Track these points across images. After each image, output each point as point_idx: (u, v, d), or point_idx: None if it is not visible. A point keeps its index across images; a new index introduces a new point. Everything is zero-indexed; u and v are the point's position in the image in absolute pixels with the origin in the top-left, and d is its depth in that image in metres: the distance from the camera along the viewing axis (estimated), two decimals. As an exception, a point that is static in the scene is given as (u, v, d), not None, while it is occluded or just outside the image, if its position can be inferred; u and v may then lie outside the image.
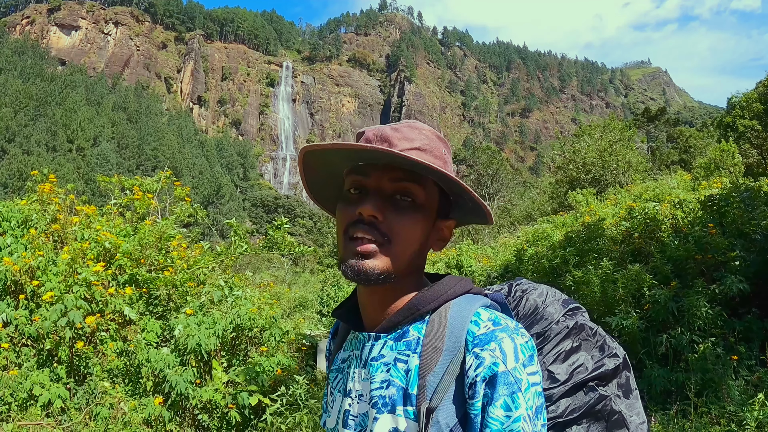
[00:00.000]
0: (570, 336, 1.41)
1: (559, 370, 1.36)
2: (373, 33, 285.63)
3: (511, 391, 1.14)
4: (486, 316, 1.23)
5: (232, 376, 5.64)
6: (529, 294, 1.49)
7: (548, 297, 1.48)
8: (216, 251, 7.32)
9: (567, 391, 1.34)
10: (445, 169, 1.26)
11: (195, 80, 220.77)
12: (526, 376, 1.16)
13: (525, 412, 1.14)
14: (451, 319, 1.24)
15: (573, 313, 1.46)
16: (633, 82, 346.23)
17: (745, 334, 6.68)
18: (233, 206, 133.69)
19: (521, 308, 1.47)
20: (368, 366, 1.31)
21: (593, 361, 1.39)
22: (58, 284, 5.74)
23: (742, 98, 30.49)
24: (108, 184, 8.02)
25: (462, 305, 1.27)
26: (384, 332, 1.31)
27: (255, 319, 6.04)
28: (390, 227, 1.24)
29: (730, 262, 7.43)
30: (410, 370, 1.24)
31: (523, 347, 1.18)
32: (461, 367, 1.19)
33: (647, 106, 59.44)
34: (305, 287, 16.95)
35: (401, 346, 1.28)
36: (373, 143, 1.28)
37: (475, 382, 1.16)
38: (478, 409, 1.15)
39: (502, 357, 1.15)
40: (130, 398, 5.40)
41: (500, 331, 1.19)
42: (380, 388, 1.27)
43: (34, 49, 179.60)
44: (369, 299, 1.34)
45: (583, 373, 1.36)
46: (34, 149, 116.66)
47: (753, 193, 8.64)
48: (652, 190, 15.42)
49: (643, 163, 26.91)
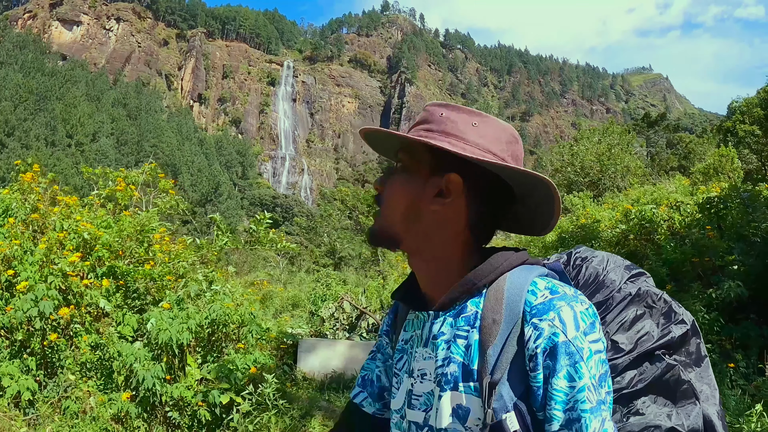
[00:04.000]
0: (633, 303, 1.36)
1: (624, 340, 1.32)
2: (375, 34, 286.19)
3: (573, 361, 1.13)
4: (543, 285, 1.23)
5: (203, 373, 5.49)
6: (589, 261, 1.45)
7: (609, 263, 1.43)
8: (197, 245, 7.20)
9: (632, 361, 1.29)
10: (438, 129, 1.31)
11: (196, 78, 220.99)
12: (588, 344, 1.15)
13: (589, 381, 1.13)
14: (508, 291, 1.24)
15: (636, 279, 1.41)
16: (634, 87, 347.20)
17: (743, 341, 6.56)
18: (231, 204, 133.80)
19: (581, 277, 1.43)
20: (430, 344, 1.33)
21: (659, 329, 1.34)
22: (33, 274, 5.62)
23: (742, 103, 30.45)
24: (92, 175, 7.88)
25: (519, 276, 1.26)
26: (442, 309, 1.32)
27: (230, 315, 5.88)
28: (383, 194, 1.36)
29: (729, 266, 7.33)
30: (470, 345, 1.25)
31: (583, 314, 1.18)
32: (520, 339, 1.19)
33: (647, 112, 59.48)
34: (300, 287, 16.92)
35: (460, 322, 1.28)
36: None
37: (536, 354, 1.16)
38: (540, 381, 1.15)
39: (561, 327, 1.15)
40: (101, 393, 5.24)
41: (558, 299, 1.19)
42: (442, 366, 1.28)
43: (35, 44, 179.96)
44: (417, 277, 1.39)
45: (649, 342, 1.31)
46: (33, 143, 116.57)
47: (752, 195, 8.53)
48: (650, 194, 15.40)
49: (641, 167, 26.96)
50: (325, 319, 9.36)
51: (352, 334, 9.06)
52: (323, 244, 29.62)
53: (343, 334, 8.99)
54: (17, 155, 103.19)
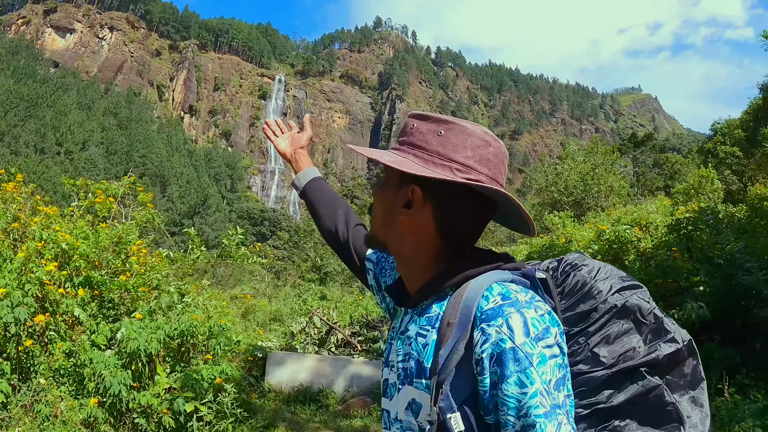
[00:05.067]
0: (620, 316, 1.31)
1: (605, 353, 1.28)
2: (366, 50, 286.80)
3: (523, 367, 1.13)
4: (498, 290, 1.24)
5: (170, 382, 5.60)
6: (579, 269, 1.40)
7: (600, 273, 1.38)
8: (170, 258, 7.32)
9: (612, 376, 1.26)
10: (413, 142, 1.39)
11: (187, 89, 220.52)
12: (540, 349, 1.15)
13: (541, 386, 1.12)
14: (466, 294, 1.25)
15: (627, 292, 1.35)
16: (623, 107, 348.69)
17: (705, 362, 6.63)
18: (219, 217, 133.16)
19: (567, 284, 1.39)
20: (397, 339, 1.41)
21: (646, 346, 1.29)
22: (11, 281, 5.72)
23: (724, 125, 30.68)
24: (73, 187, 7.99)
25: (480, 280, 1.28)
26: (411, 308, 1.40)
27: (198, 327, 6.00)
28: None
29: (694, 287, 7.42)
30: (428, 344, 1.29)
31: (535, 320, 1.17)
32: (469, 343, 1.21)
33: (634, 132, 59.88)
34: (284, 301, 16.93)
35: (423, 321, 1.34)
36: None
37: (482, 358, 1.17)
38: (487, 385, 1.17)
39: (509, 333, 1.15)
40: (73, 398, 5.35)
41: (509, 305, 1.19)
42: (404, 361, 1.35)
43: (28, 50, 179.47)
44: (407, 280, 1.45)
45: (632, 359, 1.26)
46: (23, 150, 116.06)
47: (716, 217, 8.69)
48: (630, 214, 15.53)
49: (625, 187, 27.11)
50: (296, 333, 9.44)
51: (321, 348, 9.16)
52: (309, 259, 29.62)
53: (312, 348, 9.08)
54: (6, 161, 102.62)
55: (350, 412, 7.34)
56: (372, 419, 7.15)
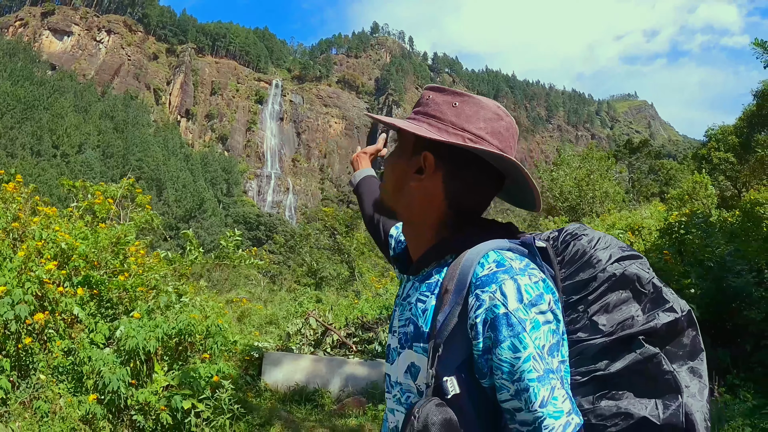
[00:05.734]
0: (619, 285, 1.32)
1: (604, 321, 1.29)
2: (363, 55, 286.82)
3: (516, 332, 1.16)
4: (493, 257, 1.27)
5: (167, 380, 5.67)
6: (579, 239, 1.42)
7: (600, 242, 1.40)
8: (169, 259, 7.39)
9: (610, 344, 1.27)
10: (424, 111, 1.45)
11: (184, 93, 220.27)
12: (534, 315, 1.18)
13: (534, 351, 1.15)
14: (463, 261, 1.29)
15: (626, 261, 1.36)
16: (619, 114, 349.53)
17: None
18: (215, 221, 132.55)
19: (567, 253, 1.41)
20: (399, 305, 1.47)
21: (644, 315, 1.30)
22: (11, 280, 5.77)
23: (718, 131, 30.79)
24: (71, 188, 8.05)
25: (478, 248, 1.30)
26: (413, 274, 1.46)
27: (195, 326, 6.07)
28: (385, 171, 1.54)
29: (685, 289, 7.50)
30: (427, 309, 1.33)
31: (528, 287, 1.20)
32: (464, 308, 1.24)
33: (630, 138, 60.00)
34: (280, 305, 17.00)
35: (423, 287, 1.39)
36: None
37: (476, 323, 1.21)
38: (480, 349, 1.21)
39: (502, 299, 1.18)
40: (72, 395, 5.41)
41: (503, 272, 1.22)
42: (403, 326, 1.40)
43: (25, 52, 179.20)
44: (411, 247, 1.52)
45: (631, 327, 1.27)
46: (19, 152, 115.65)
47: (707, 221, 8.79)
48: (625, 220, 15.60)
49: (620, 193, 27.15)
50: (292, 334, 9.50)
51: (317, 349, 9.22)
52: (305, 264, 29.63)
53: (308, 349, 9.14)
54: (2, 163, 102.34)
55: (345, 412, 7.41)
56: (367, 418, 7.22)
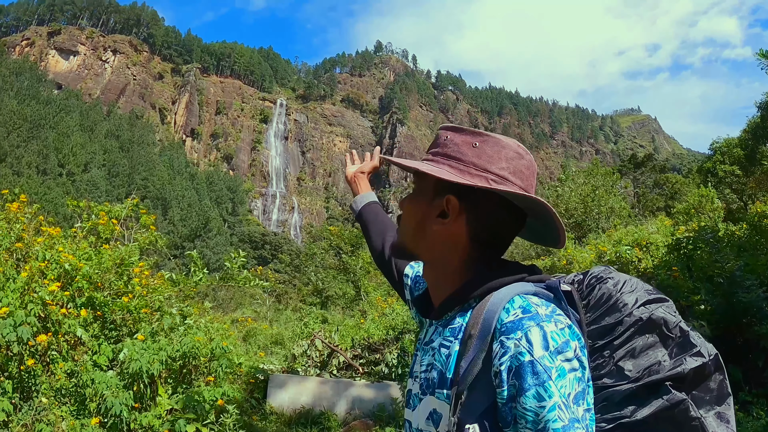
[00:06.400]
0: (645, 330, 1.32)
1: (630, 367, 1.29)
2: (367, 74, 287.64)
3: (542, 380, 1.13)
4: (519, 303, 1.25)
5: (171, 403, 5.60)
6: (604, 282, 1.41)
7: (625, 286, 1.39)
8: (173, 280, 7.36)
9: (636, 391, 1.26)
10: (446, 153, 1.43)
11: (189, 112, 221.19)
12: (560, 363, 1.15)
13: (559, 399, 1.12)
14: (488, 306, 1.26)
15: (653, 305, 1.36)
16: (623, 129, 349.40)
17: None
18: (220, 241, 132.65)
19: (593, 296, 1.40)
20: (422, 350, 1.45)
21: (671, 360, 1.29)
22: (14, 300, 5.74)
23: (722, 143, 30.67)
24: (76, 208, 8.04)
25: (503, 293, 1.29)
26: (436, 318, 1.43)
27: (199, 348, 6.01)
28: (402, 214, 1.51)
29: (695, 306, 7.42)
30: (451, 355, 1.31)
31: (555, 334, 1.18)
32: (488, 355, 1.22)
33: (634, 153, 59.93)
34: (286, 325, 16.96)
35: (447, 332, 1.36)
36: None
37: (500, 371, 1.18)
38: (505, 397, 1.18)
39: (527, 346, 1.16)
40: (74, 418, 5.34)
41: (528, 319, 1.20)
42: (426, 371, 1.37)
43: (31, 71, 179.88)
44: (433, 292, 1.49)
45: (658, 373, 1.27)
46: (25, 171, 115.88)
47: (715, 236, 8.70)
48: (631, 235, 15.53)
49: (626, 208, 27.05)
50: (297, 356, 9.42)
51: (323, 371, 9.13)
52: (310, 283, 29.53)
53: (314, 371, 9.05)
54: (8, 182, 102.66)
55: (352, 435, 7.32)
56: (373, 442, 7.12)
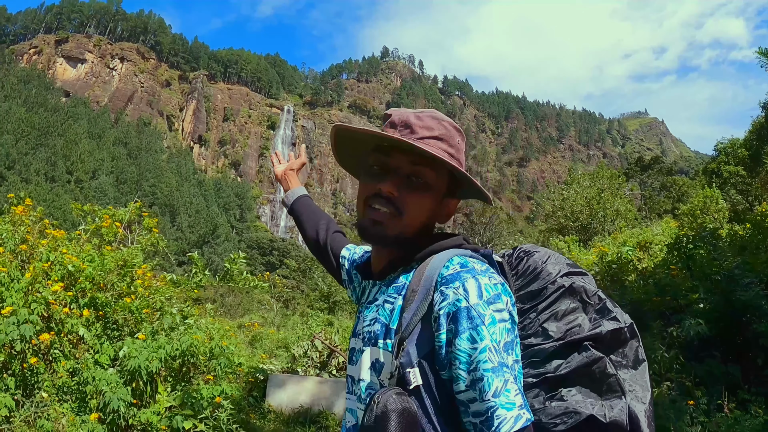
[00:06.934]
0: (567, 296, 1.45)
1: (553, 328, 1.40)
2: (374, 80, 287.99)
3: (475, 324, 1.24)
4: (458, 261, 1.38)
5: (169, 400, 5.68)
6: (531, 255, 1.56)
7: (550, 258, 1.53)
8: (173, 281, 7.45)
9: (559, 349, 1.37)
10: (458, 156, 1.49)
11: (197, 119, 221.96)
12: (491, 311, 1.27)
13: (490, 343, 1.23)
14: (430, 264, 1.39)
15: (573, 276, 1.49)
16: (630, 132, 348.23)
17: (706, 379, 6.56)
18: (228, 247, 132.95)
19: (521, 267, 1.54)
20: (365, 308, 1.54)
21: (590, 323, 1.41)
22: (18, 300, 5.82)
23: (727, 144, 30.56)
24: (80, 212, 8.14)
25: (443, 254, 1.42)
26: (380, 279, 1.55)
27: (198, 347, 6.09)
28: (403, 202, 1.45)
29: (694, 304, 7.41)
30: (394, 309, 1.41)
31: (488, 286, 1.30)
32: (430, 304, 1.33)
33: (641, 156, 59.79)
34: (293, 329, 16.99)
35: (391, 290, 1.47)
36: (397, 127, 1.49)
37: (440, 315, 1.29)
38: (443, 341, 1.28)
39: (464, 294, 1.28)
40: (75, 415, 5.42)
41: (466, 272, 1.33)
42: (369, 325, 1.46)
43: (39, 79, 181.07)
44: (378, 257, 1.57)
45: (578, 333, 1.38)
46: (33, 178, 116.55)
47: (712, 234, 8.69)
48: (636, 237, 15.51)
49: (632, 211, 27.02)
50: (298, 356, 9.47)
51: (322, 371, 9.18)
52: (318, 288, 29.59)
53: (314, 371, 9.09)
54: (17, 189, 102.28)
55: (349, 434, 7.33)
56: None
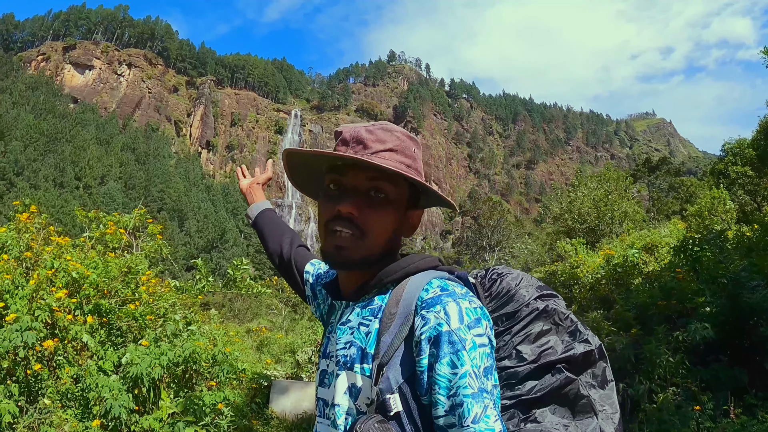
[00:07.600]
0: (540, 318, 1.47)
1: (527, 350, 1.42)
2: (381, 84, 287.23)
3: (456, 349, 1.24)
4: (437, 283, 1.37)
5: (172, 407, 5.68)
6: (504, 277, 1.58)
7: (523, 281, 1.55)
8: (177, 287, 7.47)
9: (533, 371, 1.39)
10: (415, 165, 1.47)
11: (204, 125, 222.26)
12: (472, 336, 1.26)
13: (471, 369, 1.23)
14: (408, 287, 1.38)
15: (546, 298, 1.52)
16: (638, 133, 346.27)
17: (713, 383, 6.48)
18: (237, 251, 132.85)
19: (495, 289, 1.56)
20: (337, 330, 1.49)
21: (563, 345, 1.43)
22: (22, 307, 5.86)
23: (734, 144, 30.37)
24: (85, 218, 8.15)
25: (420, 277, 1.40)
26: (353, 300, 1.50)
27: (200, 354, 6.09)
28: (365, 221, 1.41)
29: (700, 308, 7.34)
30: (370, 332, 1.38)
31: (469, 311, 1.29)
32: (411, 328, 1.32)
33: (648, 157, 59.56)
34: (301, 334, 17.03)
35: (366, 312, 1.43)
36: (349, 144, 1.45)
37: (421, 340, 1.28)
38: (424, 366, 1.27)
39: (445, 318, 1.26)
40: (78, 421, 5.44)
41: (447, 296, 1.31)
42: (343, 348, 1.42)
43: (47, 86, 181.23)
44: (347, 276, 1.52)
45: (552, 356, 1.40)
46: (42, 184, 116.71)
47: (717, 236, 8.61)
48: (644, 239, 15.44)
49: (640, 212, 26.88)
50: (302, 362, 9.46)
51: (327, 377, 9.16)
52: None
53: (318, 377, 9.09)
54: (26, 195, 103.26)
55: (352, 441, 7.31)
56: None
